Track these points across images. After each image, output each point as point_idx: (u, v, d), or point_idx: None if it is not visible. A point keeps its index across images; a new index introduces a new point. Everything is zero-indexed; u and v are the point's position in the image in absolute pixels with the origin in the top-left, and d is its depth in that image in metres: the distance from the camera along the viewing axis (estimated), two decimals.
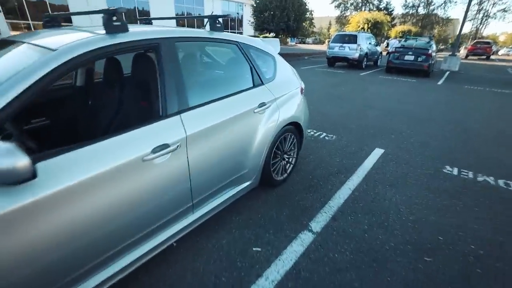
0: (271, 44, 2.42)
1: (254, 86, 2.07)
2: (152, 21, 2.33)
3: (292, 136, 2.52)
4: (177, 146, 1.44)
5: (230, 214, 2.10)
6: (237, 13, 28.82)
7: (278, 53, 2.61)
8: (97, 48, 1.20)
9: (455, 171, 2.94)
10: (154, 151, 1.34)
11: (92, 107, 2.03)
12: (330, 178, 2.73)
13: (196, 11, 24.65)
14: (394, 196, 2.43)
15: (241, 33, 29.48)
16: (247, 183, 2.10)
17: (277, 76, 2.32)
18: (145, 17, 2.32)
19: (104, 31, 1.31)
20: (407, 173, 2.85)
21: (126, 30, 1.35)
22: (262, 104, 2.04)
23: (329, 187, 2.57)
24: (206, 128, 1.60)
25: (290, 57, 15.98)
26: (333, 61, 12.54)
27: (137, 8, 20.47)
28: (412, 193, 2.49)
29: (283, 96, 2.29)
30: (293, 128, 2.47)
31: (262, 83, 2.14)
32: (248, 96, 1.97)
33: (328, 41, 13.34)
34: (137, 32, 1.40)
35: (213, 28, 1.88)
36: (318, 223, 2.05)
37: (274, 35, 17.17)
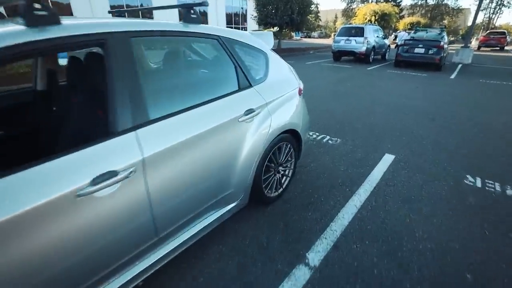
0: (262, 38, 2.06)
1: (240, 89, 1.73)
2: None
3: (288, 146, 2.17)
4: (130, 172, 1.11)
5: (212, 242, 1.78)
6: (241, 8, 28.19)
7: (273, 48, 2.25)
8: (2, 48, 0.87)
9: (478, 182, 2.55)
10: (96, 182, 1.02)
11: (39, 121, 1.71)
12: (333, 192, 2.38)
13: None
14: (408, 216, 2.07)
15: (245, 28, 28.85)
16: (233, 204, 1.77)
17: (270, 76, 1.97)
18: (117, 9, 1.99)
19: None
20: (423, 185, 2.48)
21: (57, 22, 1.02)
22: (249, 111, 1.69)
23: (332, 203, 2.22)
24: (171, 146, 1.27)
25: (294, 52, 15.51)
26: (339, 55, 12.06)
27: (142, 4, 20.05)
28: (430, 212, 2.12)
29: (276, 100, 1.94)
30: (289, 136, 2.12)
31: (250, 85, 1.79)
32: (231, 102, 1.63)
33: (334, 35, 12.80)
34: (73, 25, 1.07)
35: (187, 20, 1.53)
36: (316, 253, 1.72)
37: (278, 29, 16.67)
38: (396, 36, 25.33)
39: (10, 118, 1.85)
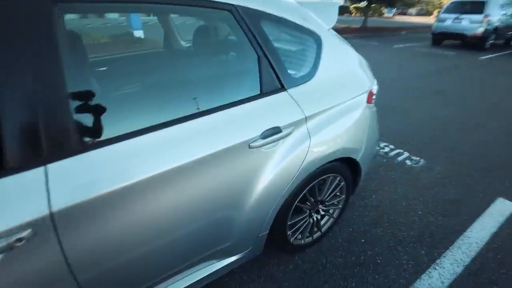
0: (319, 11, 1.32)
1: (263, 93, 1.08)
2: None
3: (337, 178, 1.47)
4: (17, 240, 0.65)
5: None
6: None
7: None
8: None
9: None
10: None
11: None
12: (398, 252, 1.59)
13: None
14: None
15: None
16: (234, 257, 1.22)
17: (320, 72, 1.25)
18: None
19: None
20: None
21: None
22: (271, 131, 1.06)
23: (392, 274, 1.46)
24: (113, 192, 0.76)
25: (382, 31, 13.21)
26: (440, 38, 9.60)
27: None
28: None
29: (325, 112, 1.23)
30: (340, 165, 1.41)
31: (283, 88, 1.13)
32: (241, 116, 1.01)
33: (439, 12, 10.19)
34: None
35: None
36: None
37: (366, 3, 14.46)
38: None
39: None
